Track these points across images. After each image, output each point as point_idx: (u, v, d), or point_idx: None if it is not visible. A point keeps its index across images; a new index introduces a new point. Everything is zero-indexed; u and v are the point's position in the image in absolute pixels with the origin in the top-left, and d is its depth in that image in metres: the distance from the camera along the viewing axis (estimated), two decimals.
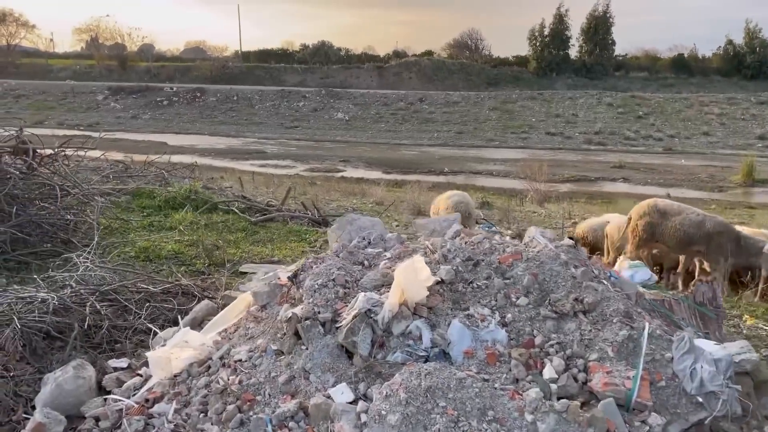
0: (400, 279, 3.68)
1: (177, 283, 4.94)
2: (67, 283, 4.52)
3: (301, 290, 4.04)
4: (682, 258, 7.96)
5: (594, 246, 9.13)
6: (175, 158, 27.23)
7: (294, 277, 4.16)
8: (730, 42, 58.14)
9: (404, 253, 4.48)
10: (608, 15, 60.85)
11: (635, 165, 34.75)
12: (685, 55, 61.68)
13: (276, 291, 4.24)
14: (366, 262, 4.46)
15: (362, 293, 3.77)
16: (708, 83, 56.51)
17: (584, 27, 60.91)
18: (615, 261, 7.12)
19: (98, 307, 4.25)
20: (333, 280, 3.93)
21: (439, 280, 4.07)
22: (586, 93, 53.49)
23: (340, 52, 67.58)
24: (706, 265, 7.81)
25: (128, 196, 8.68)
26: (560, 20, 61.29)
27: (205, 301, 4.62)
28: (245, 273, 6.01)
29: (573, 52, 61.75)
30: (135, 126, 48.63)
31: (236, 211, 8.75)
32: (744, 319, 5.96)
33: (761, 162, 31.47)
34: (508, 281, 4.19)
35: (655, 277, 6.95)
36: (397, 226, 10.91)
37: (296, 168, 33.00)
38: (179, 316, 4.47)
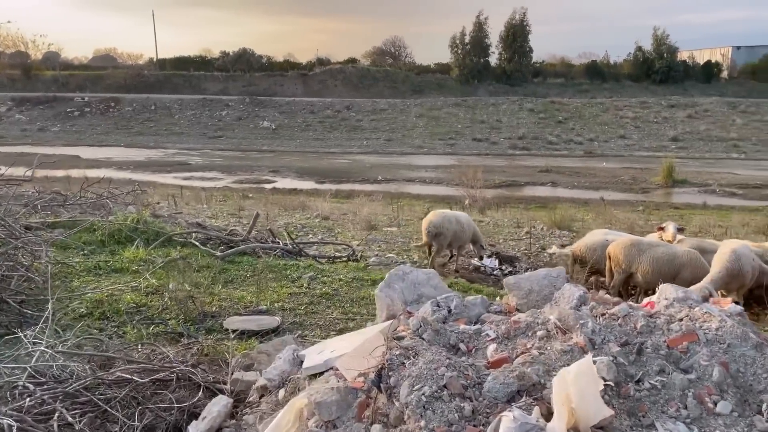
0: (569, 393, 2.63)
1: (170, 368, 3.65)
2: (19, 383, 3.27)
3: (396, 402, 2.79)
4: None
5: (592, 267, 8.63)
6: (92, 173, 25.27)
7: (379, 380, 2.86)
8: (639, 48, 61.17)
9: (514, 330, 3.35)
10: (525, 23, 62.57)
11: (561, 169, 35.55)
12: (598, 62, 64.27)
13: (349, 399, 2.91)
14: (463, 346, 3.26)
15: (508, 414, 2.58)
16: (620, 88, 59.05)
17: (503, 35, 62.30)
18: (620, 284, 6.64)
19: (69, 418, 3.05)
20: (445, 386, 2.73)
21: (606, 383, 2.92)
22: (507, 99, 54.63)
23: (262, 60, 65.93)
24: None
25: (62, 229, 7.33)
26: (480, 28, 62.42)
27: (221, 400, 3.35)
28: (233, 330, 4.86)
29: (493, 60, 63.06)
30: (43, 139, 45.24)
31: (196, 244, 7.59)
32: None
33: (677, 163, 32.88)
34: (690, 376, 3.09)
35: None
36: (357, 245, 10.15)
37: (224, 180, 31.58)
38: (183, 426, 3.27)
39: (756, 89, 56.17)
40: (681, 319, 3.40)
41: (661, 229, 9.19)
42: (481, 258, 9.92)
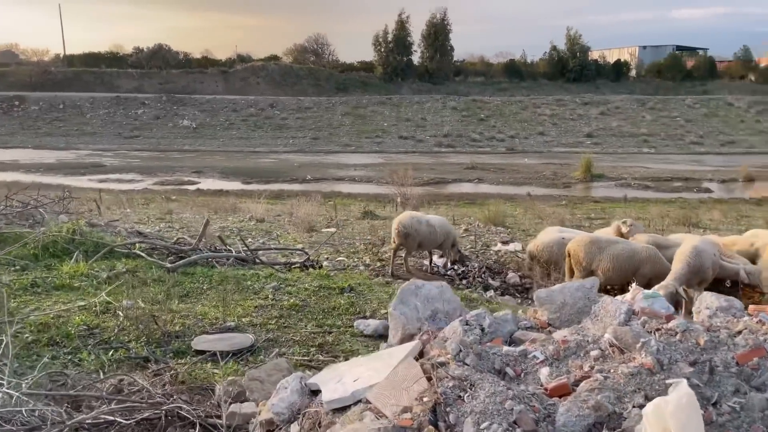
0: (667, 428, 2.32)
1: (154, 403, 3.16)
2: None
3: None
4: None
5: (548, 265, 8.58)
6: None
7: (435, 417, 2.47)
8: (554, 48, 63.42)
9: (564, 350, 3.05)
10: (446, 22, 63.56)
11: (485, 165, 36.35)
12: (516, 61, 66.16)
13: None
14: (510, 371, 2.96)
15: None
16: (537, 86, 61.05)
17: (424, 33, 63.02)
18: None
19: None
20: (515, 422, 2.41)
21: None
22: (431, 97, 55.34)
23: (179, 56, 63.54)
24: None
25: None
26: (402, 27, 62.83)
27: None
28: (203, 352, 4.43)
29: (416, 58, 63.67)
30: None
31: (142, 254, 6.93)
32: None
33: (593, 158, 34.26)
34: (766, 395, 2.83)
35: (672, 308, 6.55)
36: (301, 248, 9.80)
37: (143, 182, 30.21)
38: None
39: (662, 87, 59.54)
40: (740, 332, 3.23)
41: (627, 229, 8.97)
42: (455, 261, 9.72)
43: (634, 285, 6.73)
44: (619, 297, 6.81)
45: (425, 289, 3.93)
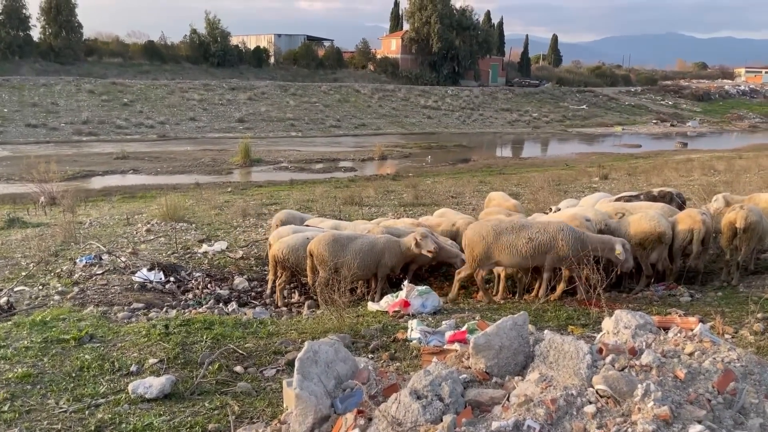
0: None
1: None
2: None
3: None
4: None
5: (296, 268, 7.98)
6: None
7: None
8: (194, 31, 61.95)
9: (555, 412, 2.65)
10: None
11: (138, 154, 34.04)
12: (156, 42, 62.82)
13: None
14: None
15: None
16: (181, 70, 59.21)
17: (44, 6, 55.14)
18: (326, 281, 6.56)
19: None
20: None
21: None
22: (62, 79, 49.12)
23: None
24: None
25: None
26: None
27: None
28: None
29: (36, 34, 55.32)
30: None
31: None
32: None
33: (249, 143, 34.87)
34: (757, 420, 2.76)
35: (441, 303, 6.81)
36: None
37: None
38: None
39: (299, 74, 63.71)
40: (691, 354, 3.19)
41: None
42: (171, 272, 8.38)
43: (406, 282, 7.08)
44: (390, 296, 7.01)
45: (322, 353, 3.32)
